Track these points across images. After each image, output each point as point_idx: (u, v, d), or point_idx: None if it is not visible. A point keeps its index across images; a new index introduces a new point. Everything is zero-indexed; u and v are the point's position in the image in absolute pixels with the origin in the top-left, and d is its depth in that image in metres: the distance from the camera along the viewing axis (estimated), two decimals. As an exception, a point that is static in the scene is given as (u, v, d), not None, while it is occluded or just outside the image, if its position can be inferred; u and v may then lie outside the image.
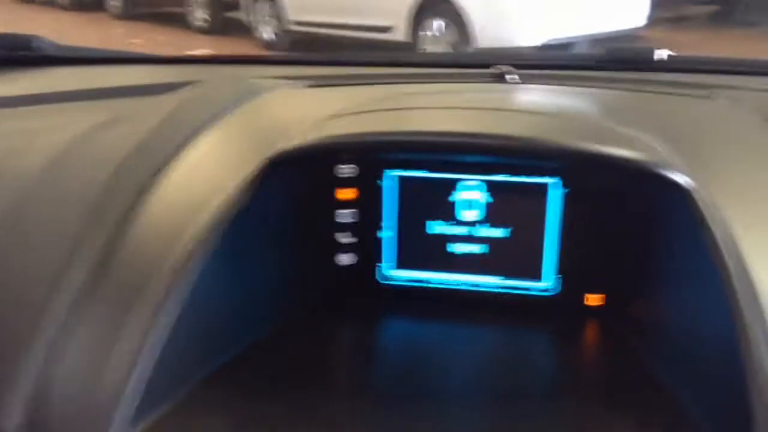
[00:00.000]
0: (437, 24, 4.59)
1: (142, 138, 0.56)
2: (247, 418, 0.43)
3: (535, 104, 0.63)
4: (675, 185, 0.45)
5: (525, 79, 0.72)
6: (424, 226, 0.59)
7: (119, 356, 0.41)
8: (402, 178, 0.58)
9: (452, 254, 0.59)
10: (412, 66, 0.89)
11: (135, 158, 0.53)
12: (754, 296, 0.39)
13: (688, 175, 0.46)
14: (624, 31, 4.75)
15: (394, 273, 0.60)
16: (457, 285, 0.59)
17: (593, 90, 0.68)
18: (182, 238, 0.45)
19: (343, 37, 5.05)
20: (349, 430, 0.43)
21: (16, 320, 0.44)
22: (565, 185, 0.55)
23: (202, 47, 5.59)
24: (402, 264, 0.60)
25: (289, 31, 5.40)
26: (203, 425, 0.42)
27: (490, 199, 0.57)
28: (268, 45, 5.54)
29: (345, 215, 0.59)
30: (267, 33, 5.58)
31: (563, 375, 0.51)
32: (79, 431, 0.39)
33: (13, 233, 0.50)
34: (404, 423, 0.44)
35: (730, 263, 0.40)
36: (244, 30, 5.81)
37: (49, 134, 0.60)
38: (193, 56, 0.97)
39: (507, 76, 0.72)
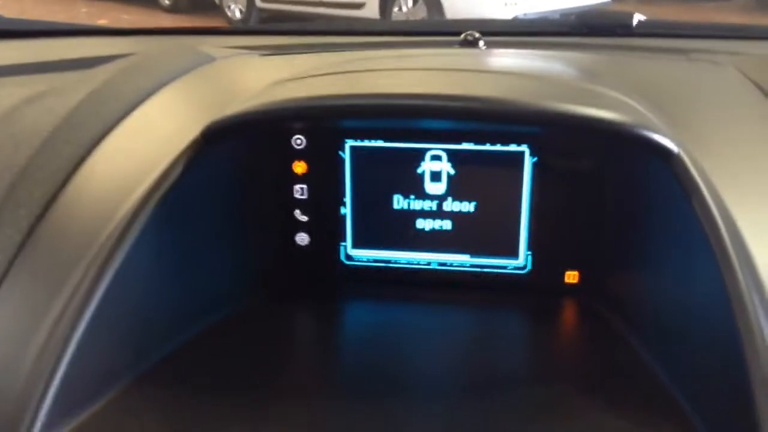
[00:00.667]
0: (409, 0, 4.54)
1: (70, 110, 0.50)
2: (186, 417, 0.39)
3: (508, 67, 0.58)
4: (660, 148, 0.41)
5: (497, 46, 0.68)
6: (390, 201, 0.54)
7: (38, 349, 0.36)
8: (363, 149, 0.53)
9: (420, 231, 0.55)
10: (381, 35, 0.85)
11: (62, 132, 0.48)
12: (750, 265, 0.35)
13: (674, 138, 0.42)
14: (594, 5, 4.74)
15: (357, 253, 0.56)
16: (426, 264, 0.55)
17: (568, 54, 0.64)
18: (112, 218, 0.40)
19: (313, 14, 4.98)
20: (304, 428, 0.39)
21: None
22: (534, 154, 0.51)
23: (167, 25, 5.47)
24: (366, 243, 0.56)
25: (258, 9, 5.31)
26: (136, 425, 0.38)
27: (455, 171, 0.53)
28: (236, 22, 5.45)
29: (303, 191, 0.55)
30: (234, 9, 5.49)
31: (537, 358, 0.48)
32: None
33: None
34: (367, 416, 0.40)
35: (725, 232, 0.37)
36: (212, 8, 5.70)
37: None
38: (144, 28, 0.91)
39: (476, 41, 0.68)
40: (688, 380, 0.39)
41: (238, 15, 5.47)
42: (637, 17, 0.77)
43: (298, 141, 0.54)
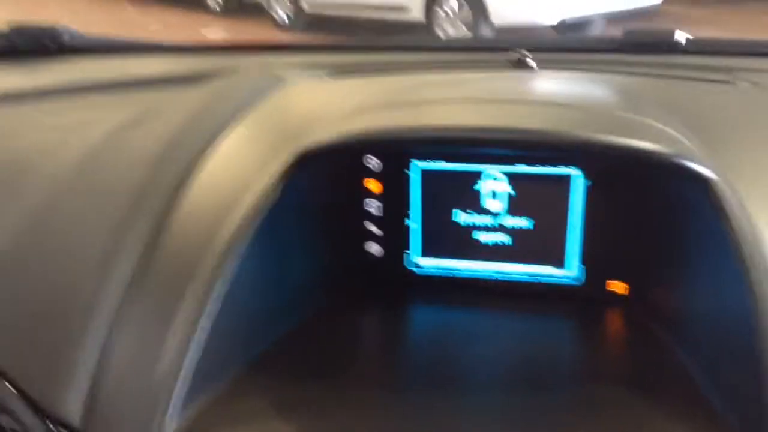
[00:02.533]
0: (452, 1, 4.57)
1: (172, 134, 0.57)
2: (285, 401, 0.44)
3: (554, 94, 0.63)
4: (696, 176, 0.45)
5: (542, 65, 0.72)
6: (450, 215, 0.60)
7: (169, 345, 0.42)
8: (427, 169, 0.59)
9: (478, 243, 0.60)
10: (430, 50, 0.89)
11: (168, 153, 0.55)
12: None
13: (709, 165, 0.46)
14: (642, 8, 4.70)
15: (421, 262, 0.61)
16: (483, 274, 0.60)
17: (612, 76, 0.68)
18: (220, 231, 0.46)
19: (358, 18, 5.03)
20: (377, 414, 0.44)
21: (67, 315, 0.46)
22: (587, 176, 0.56)
23: (216, 28, 5.58)
24: (428, 252, 0.61)
25: (304, 12, 5.39)
26: (247, 407, 0.44)
27: (514, 191, 0.58)
28: (284, 26, 5.54)
29: (373, 205, 0.60)
30: (282, 14, 5.58)
31: (587, 362, 0.52)
32: (134, 418, 0.41)
33: (54, 230, 0.52)
34: (430, 407, 0.45)
35: (750, 254, 0.41)
36: (258, 11, 5.80)
37: (80, 130, 0.61)
38: (209, 44, 0.97)
39: (525, 60, 0.72)
40: (721, 386, 0.43)
41: (285, 20, 5.55)
42: (683, 36, 0.80)
43: (369, 160, 0.59)
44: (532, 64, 0.73)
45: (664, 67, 0.73)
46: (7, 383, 0.45)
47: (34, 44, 0.88)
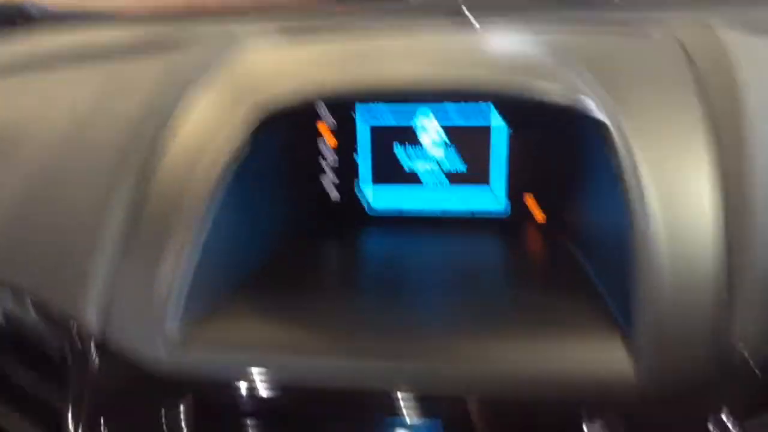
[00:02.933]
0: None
1: (146, 98, 0.65)
2: (265, 310, 0.55)
3: (479, 48, 0.72)
4: (591, 119, 0.56)
5: (482, 19, 0.80)
6: (392, 148, 0.70)
7: (164, 269, 0.52)
8: (370, 112, 0.69)
9: (415, 171, 0.71)
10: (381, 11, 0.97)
11: (145, 115, 0.62)
12: (646, 204, 0.50)
13: (602, 109, 0.56)
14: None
15: (376, 204, 0.72)
16: (424, 209, 0.72)
17: (543, 30, 0.77)
18: (196, 178, 0.55)
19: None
20: (343, 313, 0.55)
21: (78, 245, 0.55)
22: (509, 125, 0.67)
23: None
24: (375, 180, 0.72)
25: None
26: (234, 316, 0.54)
27: (449, 141, 0.69)
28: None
29: (326, 144, 0.71)
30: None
31: (511, 270, 0.64)
32: (141, 325, 0.51)
33: (55, 183, 0.60)
34: (386, 305, 0.56)
35: (630, 182, 0.51)
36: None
37: (60, 100, 0.69)
38: (174, 9, 1.04)
39: (466, 17, 0.81)
40: (608, 282, 0.55)
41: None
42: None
43: (321, 107, 0.70)
44: (474, 22, 0.81)
45: (596, 23, 0.81)
46: (32, 301, 0.55)
47: (2, 20, 0.93)
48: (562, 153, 0.67)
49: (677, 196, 0.50)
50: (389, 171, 0.71)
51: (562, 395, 0.45)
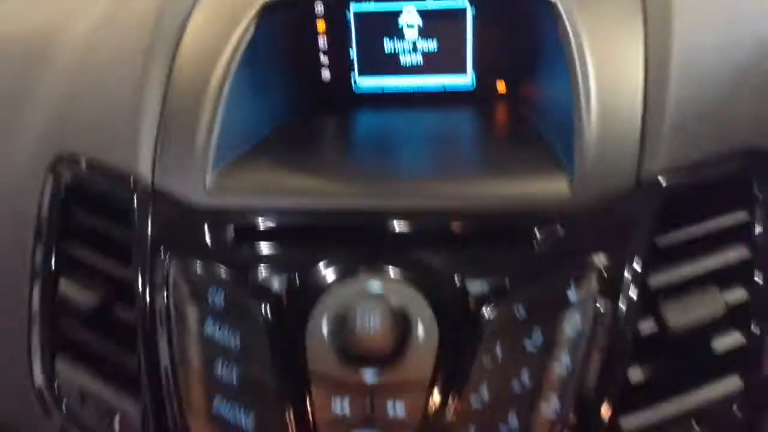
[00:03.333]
0: None
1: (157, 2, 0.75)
2: (275, 162, 0.67)
3: None
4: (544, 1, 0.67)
5: None
6: (381, 43, 0.82)
7: (199, 132, 0.64)
8: (361, 10, 0.81)
9: (400, 63, 0.83)
10: None
11: (162, 15, 0.73)
12: (587, 77, 0.62)
13: None
14: None
15: (360, 81, 0.85)
16: (405, 87, 0.84)
17: None
18: (215, 69, 0.67)
19: None
20: (342, 165, 0.68)
21: (124, 119, 0.67)
22: (476, 8, 0.79)
23: None
24: (365, 72, 0.84)
25: None
26: (257, 170, 0.66)
27: (424, 24, 0.81)
28: None
29: (322, 40, 0.82)
30: None
31: (481, 133, 0.77)
32: (186, 172, 0.64)
33: (97, 65, 0.71)
34: (376, 161, 0.69)
35: (575, 56, 0.64)
36: None
37: (78, 8, 0.79)
38: None
39: None
40: (554, 132, 0.68)
41: None
42: None
43: (318, 6, 0.81)
44: None
45: None
46: (95, 165, 0.67)
47: None
48: (520, 33, 0.79)
49: (610, 63, 0.63)
50: (373, 56, 0.83)
51: (519, 210, 0.60)
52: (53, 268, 0.67)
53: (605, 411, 0.56)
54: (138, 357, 0.61)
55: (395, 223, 0.60)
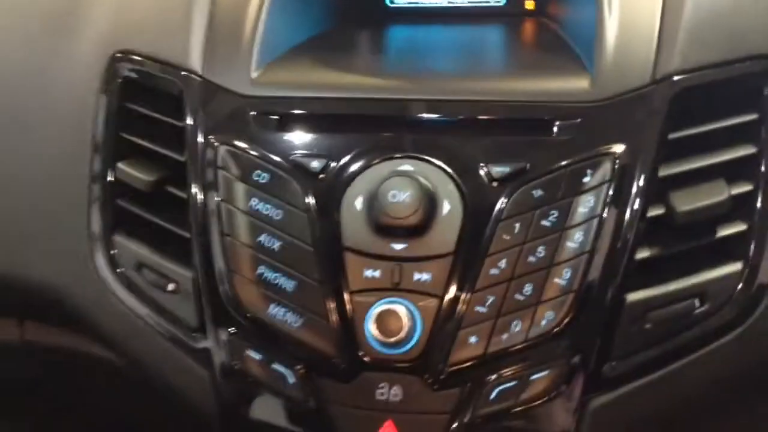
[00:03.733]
0: None
1: None
2: (320, 63, 0.73)
3: None
4: None
5: None
6: None
7: (246, 29, 0.70)
8: None
9: None
10: None
11: None
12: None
13: None
14: None
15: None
16: (438, 3, 0.88)
17: None
18: None
19: None
20: (378, 67, 0.73)
21: (180, 18, 0.73)
22: None
23: None
24: None
25: None
26: (297, 67, 0.72)
27: None
28: None
29: None
30: None
31: (512, 42, 0.82)
32: (232, 73, 0.69)
33: None
34: (412, 64, 0.74)
35: None
36: None
37: None
38: None
39: None
40: (579, 40, 0.72)
41: None
42: None
43: None
44: None
45: None
46: (152, 59, 0.73)
47: None
48: None
49: None
50: None
51: (541, 102, 0.64)
52: (112, 153, 0.73)
53: (612, 285, 0.61)
54: (190, 230, 0.67)
55: (425, 112, 0.65)
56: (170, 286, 0.69)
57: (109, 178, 0.73)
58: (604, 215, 0.61)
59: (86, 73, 0.76)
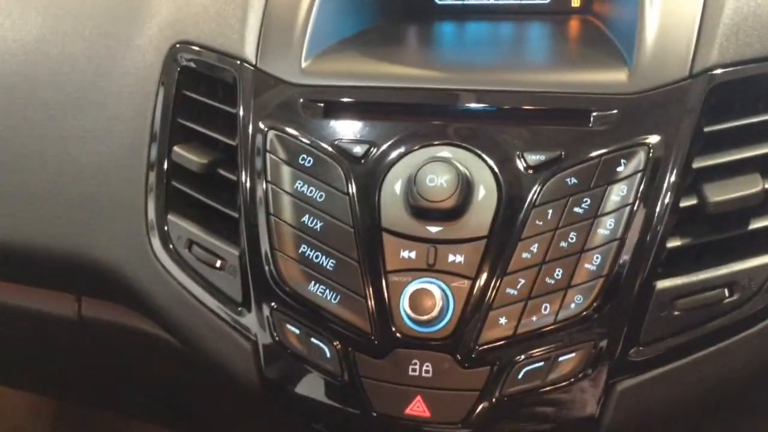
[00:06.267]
0: None
1: None
2: (367, 55, 0.76)
3: None
4: None
5: None
6: None
7: (297, 24, 0.74)
8: None
9: None
10: None
11: None
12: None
13: None
14: None
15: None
16: (486, 1, 0.91)
17: None
18: None
19: None
20: (422, 59, 0.76)
21: (235, 12, 0.77)
22: None
23: None
24: None
25: None
26: (345, 58, 0.75)
27: None
28: None
29: None
30: None
31: (554, 38, 0.83)
32: (284, 63, 0.73)
33: None
34: (450, 57, 0.76)
35: None
36: None
37: None
38: None
39: None
40: (621, 36, 0.74)
41: None
42: None
43: None
44: None
45: None
46: (209, 48, 0.77)
47: None
48: None
49: None
50: None
51: (579, 94, 0.66)
52: (169, 137, 0.78)
53: (641, 272, 0.62)
54: (239, 210, 0.71)
55: (465, 101, 0.68)
56: (218, 263, 0.73)
57: (166, 161, 0.77)
58: (636, 204, 0.62)
59: (148, 62, 0.81)
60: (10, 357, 1.17)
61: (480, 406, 0.64)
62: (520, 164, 0.64)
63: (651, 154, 0.63)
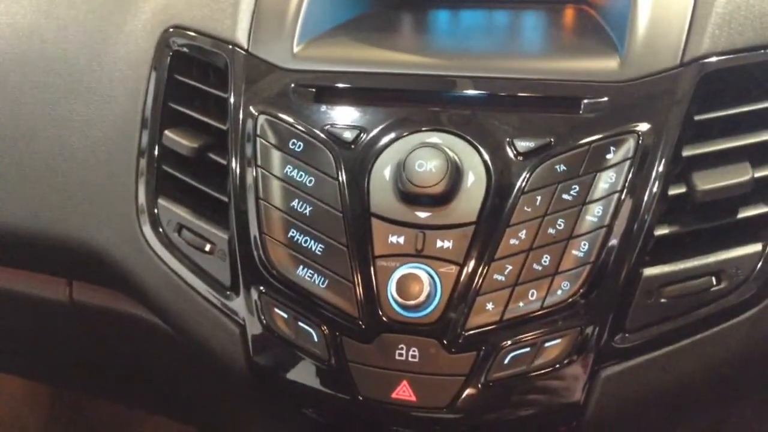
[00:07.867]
0: None
1: None
2: (359, 41, 0.76)
3: None
4: None
5: None
6: None
7: (290, 9, 0.74)
8: None
9: None
10: None
11: None
12: None
13: None
14: None
15: None
16: None
17: None
18: None
19: None
20: (413, 45, 0.76)
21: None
22: None
23: None
24: None
25: None
26: (337, 43, 0.75)
27: None
28: None
29: None
30: None
31: (548, 26, 0.83)
32: (275, 48, 0.73)
33: None
34: (441, 43, 0.76)
35: None
36: None
37: None
38: None
39: None
40: (615, 26, 0.74)
41: None
42: None
43: None
44: None
45: None
46: (201, 33, 0.77)
47: None
48: None
49: None
50: None
51: (569, 81, 0.66)
52: (160, 121, 0.77)
53: (629, 260, 0.62)
54: (228, 194, 0.71)
55: (455, 88, 0.68)
56: (207, 247, 0.73)
57: (156, 145, 0.77)
58: (625, 192, 0.62)
59: (141, 46, 0.81)
60: (3, 343, 1.17)
61: (466, 391, 0.64)
62: (510, 151, 0.64)
63: (640, 142, 0.63)
